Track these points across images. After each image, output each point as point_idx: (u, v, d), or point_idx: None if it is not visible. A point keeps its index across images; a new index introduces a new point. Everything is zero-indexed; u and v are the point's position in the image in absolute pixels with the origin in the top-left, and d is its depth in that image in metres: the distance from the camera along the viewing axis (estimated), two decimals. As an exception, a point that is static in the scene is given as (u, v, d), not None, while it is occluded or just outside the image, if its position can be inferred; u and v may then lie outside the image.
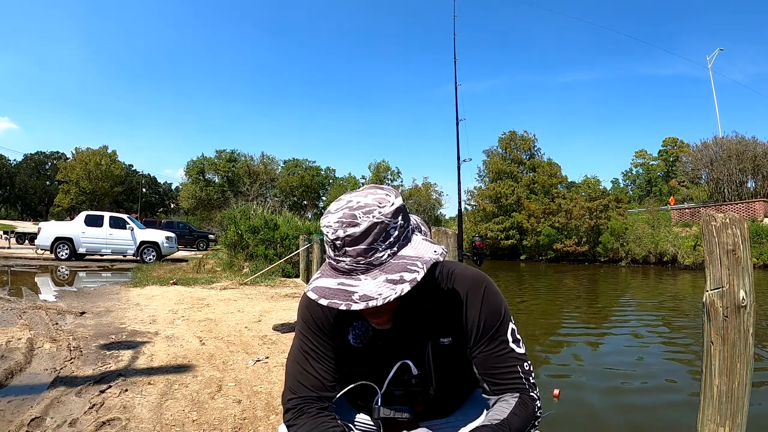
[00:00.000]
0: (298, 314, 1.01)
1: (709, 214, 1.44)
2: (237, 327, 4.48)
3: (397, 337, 0.95)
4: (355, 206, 0.79)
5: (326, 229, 0.79)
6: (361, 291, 0.76)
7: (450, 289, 0.94)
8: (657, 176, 52.04)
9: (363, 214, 0.77)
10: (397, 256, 0.80)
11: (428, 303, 0.94)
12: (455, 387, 1.01)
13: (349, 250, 0.77)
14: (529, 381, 0.92)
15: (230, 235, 11.60)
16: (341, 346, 0.98)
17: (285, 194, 43.20)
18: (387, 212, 0.79)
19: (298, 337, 0.98)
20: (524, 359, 0.93)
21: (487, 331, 0.92)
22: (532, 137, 29.57)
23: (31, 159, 62.34)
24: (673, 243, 18.08)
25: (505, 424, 0.86)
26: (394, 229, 0.80)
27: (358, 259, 0.78)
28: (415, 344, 0.95)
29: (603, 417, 3.13)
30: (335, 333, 0.97)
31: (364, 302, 0.74)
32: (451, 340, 0.95)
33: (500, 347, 0.92)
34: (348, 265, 0.79)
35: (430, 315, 0.94)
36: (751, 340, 1.40)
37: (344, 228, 0.77)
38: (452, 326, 0.94)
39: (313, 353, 0.95)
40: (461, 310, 0.94)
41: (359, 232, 0.76)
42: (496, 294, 0.95)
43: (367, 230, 0.77)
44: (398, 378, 0.93)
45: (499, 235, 25.79)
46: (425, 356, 0.95)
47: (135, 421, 2.15)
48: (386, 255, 0.79)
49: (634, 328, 6.20)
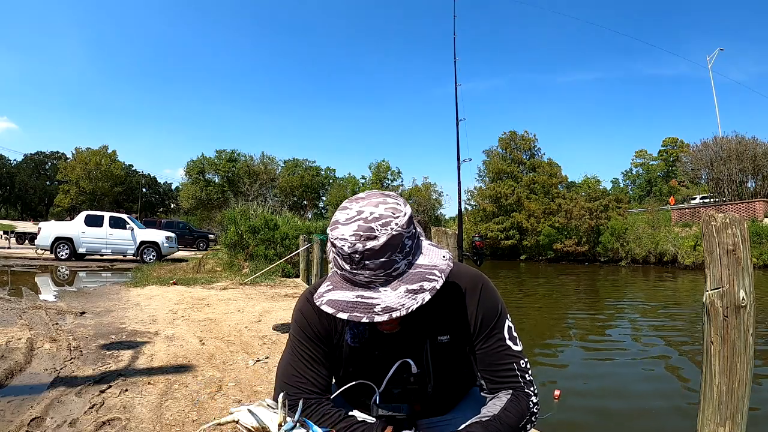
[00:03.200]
0: (293, 318, 1.01)
1: (709, 214, 1.44)
2: (237, 327, 4.48)
3: (396, 336, 0.95)
4: (369, 218, 0.78)
5: (341, 242, 0.77)
6: (383, 303, 0.76)
7: (448, 288, 0.95)
8: (657, 176, 52.05)
9: (380, 227, 0.77)
10: (414, 266, 0.81)
11: (426, 301, 0.95)
12: (453, 385, 1.01)
13: (369, 263, 0.77)
14: (525, 378, 0.93)
15: (230, 235, 11.60)
16: (339, 347, 0.98)
17: (285, 194, 43.15)
18: (402, 223, 0.79)
19: (292, 341, 0.99)
20: (521, 357, 0.94)
21: (484, 329, 0.94)
22: (532, 137, 29.59)
23: (31, 159, 62.32)
24: (673, 243, 18.08)
25: (496, 420, 0.87)
26: (409, 239, 0.81)
27: (378, 272, 0.78)
28: (413, 342, 0.96)
29: (603, 417, 3.13)
30: (331, 335, 0.98)
31: (387, 314, 0.75)
32: (449, 338, 0.96)
33: (497, 344, 0.94)
34: (367, 278, 0.78)
35: (429, 313, 0.95)
36: (751, 340, 1.40)
37: (363, 242, 0.76)
38: (450, 324, 0.96)
39: (307, 358, 0.96)
40: (459, 309, 0.95)
41: (379, 245, 0.76)
42: (493, 292, 0.97)
43: (386, 244, 0.76)
44: (397, 376, 0.94)
45: (499, 235, 25.79)
46: (423, 354, 0.95)
47: (135, 421, 2.15)
48: (404, 265, 0.79)
49: (635, 328, 6.21)
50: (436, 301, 0.95)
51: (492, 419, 0.88)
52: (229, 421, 0.91)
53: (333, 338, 0.98)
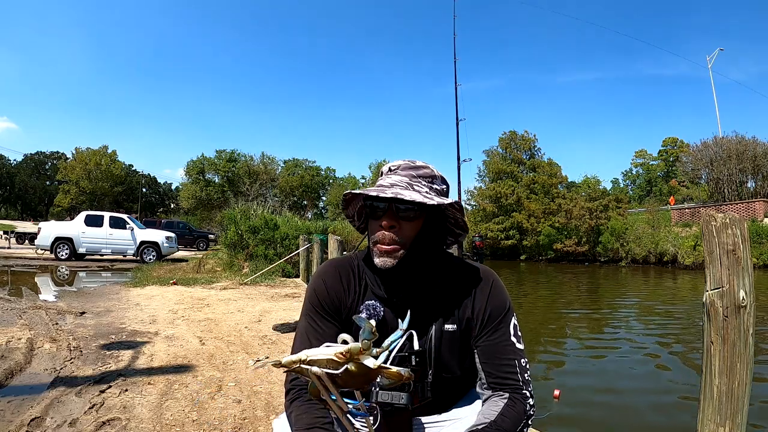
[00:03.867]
0: (305, 297, 1.03)
1: (709, 214, 1.44)
2: (237, 327, 4.48)
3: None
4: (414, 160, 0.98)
5: (386, 167, 0.97)
6: (394, 190, 0.89)
7: (460, 279, 0.99)
8: (657, 176, 52.03)
9: (420, 161, 0.98)
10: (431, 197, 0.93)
11: (438, 288, 0.98)
12: (453, 378, 1.01)
13: (400, 171, 0.95)
14: (524, 377, 0.94)
15: (230, 235, 11.60)
16: (350, 328, 0.98)
17: (285, 194, 43.15)
18: (438, 172, 0.98)
19: (304, 318, 1.01)
20: (522, 355, 0.96)
21: (491, 321, 0.96)
22: (532, 137, 29.54)
23: (31, 159, 62.29)
24: (673, 243, 18.07)
25: (492, 426, 0.87)
26: (438, 186, 0.97)
27: (403, 177, 0.93)
28: (421, 326, 0.97)
29: (603, 417, 3.13)
30: (341, 310, 1.00)
31: (393, 193, 0.87)
32: (455, 328, 0.97)
33: (501, 338, 0.95)
34: (392, 180, 0.93)
35: (439, 299, 0.97)
36: (751, 340, 1.40)
37: (404, 161, 0.96)
38: (458, 314, 0.97)
39: (318, 334, 0.97)
40: (469, 300, 0.98)
41: (414, 165, 0.96)
42: (503, 289, 1.00)
43: (420, 166, 0.96)
44: (400, 354, 0.94)
45: (499, 235, 25.76)
46: (428, 338, 0.96)
47: (135, 421, 2.15)
48: (425, 190, 0.92)
49: (634, 328, 6.21)
50: (447, 289, 0.98)
51: (488, 426, 0.88)
52: (295, 360, 0.66)
53: (342, 313, 0.99)
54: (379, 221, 0.92)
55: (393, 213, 0.91)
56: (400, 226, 0.91)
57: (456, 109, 7.05)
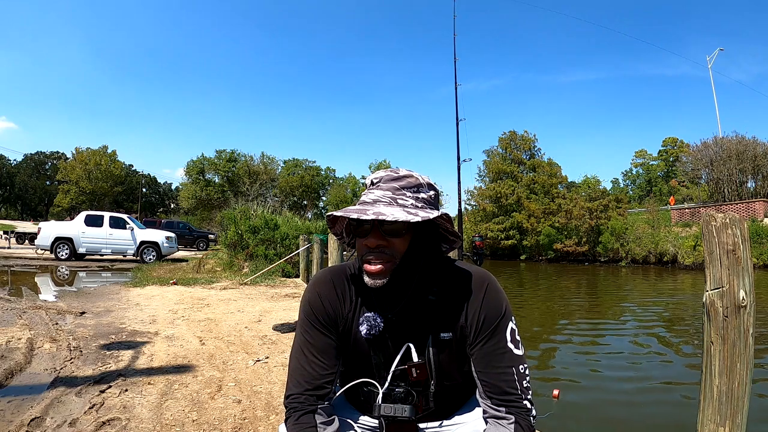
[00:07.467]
0: (300, 310, 1.02)
1: (709, 214, 1.44)
2: (237, 327, 4.48)
3: (402, 329, 0.96)
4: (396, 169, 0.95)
5: (368, 179, 0.94)
6: (376, 209, 0.85)
7: (454, 285, 0.96)
8: (657, 176, 52.02)
9: (403, 170, 0.94)
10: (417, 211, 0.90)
11: (432, 296, 0.96)
12: (454, 385, 1.01)
13: (383, 185, 0.91)
14: (522, 385, 0.91)
15: (230, 235, 11.60)
16: (347, 335, 0.98)
17: (285, 194, 43.17)
18: (424, 178, 0.94)
19: (299, 332, 1.00)
20: (521, 361, 0.92)
21: (486, 328, 0.92)
22: (532, 137, 29.54)
23: (31, 159, 62.29)
24: (673, 243, 18.07)
25: None
26: (424, 194, 0.92)
27: (386, 192, 0.89)
28: (417, 337, 0.96)
29: (603, 417, 3.13)
30: (337, 323, 0.98)
31: (374, 215, 0.83)
32: (451, 336, 0.95)
33: (498, 346, 0.92)
34: (375, 196, 0.89)
35: (434, 308, 0.95)
36: (751, 340, 1.40)
37: (386, 173, 0.92)
38: (454, 321, 0.95)
39: (312, 347, 0.96)
40: (463, 306, 0.94)
41: (397, 175, 0.92)
42: (499, 292, 0.96)
43: (403, 176, 0.91)
44: (400, 368, 0.93)
45: (499, 235, 25.76)
46: (426, 348, 0.95)
47: (135, 421, 2.15)
48: (410, 204, 0.89)
49: (634, 328, 6.20)
50: (441, 297, 0.96)
51: None
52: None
53: (339, 325, 0.98)
54: (365, 240, 0.90)
55: (379, 231, 0.89)
56: (388, 242, 0.89)
57: (456, 109, 7.12)
